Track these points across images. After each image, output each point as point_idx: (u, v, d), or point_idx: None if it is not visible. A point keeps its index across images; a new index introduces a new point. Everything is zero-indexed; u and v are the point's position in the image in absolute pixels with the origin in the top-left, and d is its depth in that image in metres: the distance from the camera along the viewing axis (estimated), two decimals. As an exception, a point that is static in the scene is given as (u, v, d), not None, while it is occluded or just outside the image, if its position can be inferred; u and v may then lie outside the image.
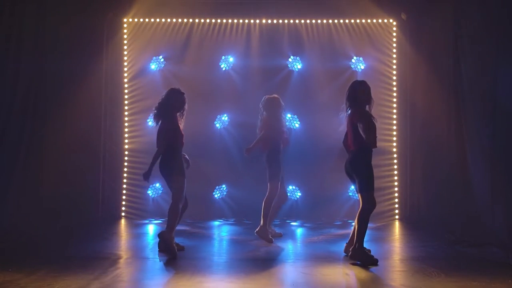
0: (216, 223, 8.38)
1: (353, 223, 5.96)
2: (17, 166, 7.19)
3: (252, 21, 8.89)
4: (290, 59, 8.86)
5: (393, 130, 8.76)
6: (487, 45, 6.59)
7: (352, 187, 8.21)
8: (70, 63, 8.32)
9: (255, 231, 6.71)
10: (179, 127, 6.05)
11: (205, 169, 8.54)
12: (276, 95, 7.15)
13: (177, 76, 8.75)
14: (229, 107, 8.83)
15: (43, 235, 6.82)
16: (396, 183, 8.69)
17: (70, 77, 8.38)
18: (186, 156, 6.19)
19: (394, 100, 8.79)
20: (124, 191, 8.75)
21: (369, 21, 8.83)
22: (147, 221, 8.34)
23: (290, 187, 8.65)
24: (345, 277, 5.04)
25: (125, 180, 8.76)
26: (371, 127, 5.54)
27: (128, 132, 8.83)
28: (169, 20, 8.89)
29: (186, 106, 6.13)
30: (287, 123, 7.26)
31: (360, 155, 5.69)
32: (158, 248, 5.87)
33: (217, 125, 8.86)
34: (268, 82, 8.77)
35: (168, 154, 5.90)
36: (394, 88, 8.80)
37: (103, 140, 8.73)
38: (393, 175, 8.71)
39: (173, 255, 5.62)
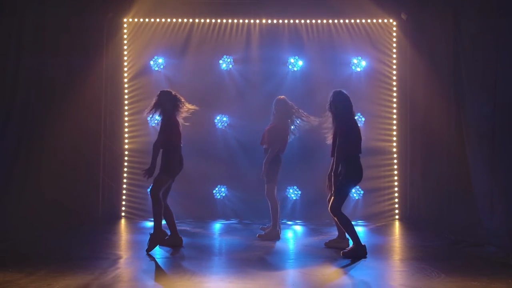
0: (216, 223, 8.38)
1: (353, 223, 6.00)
2: (17, 166, 7.19)
3: (252, 21, 8.88)
4: (290, 59, 8.85)
5: (393, 130, 8.76)
6: (487, 44, 6.59)
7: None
8: (70, 63, 8.34)
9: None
10: (176, 126, 6.11)
11: (205, 169, 8.55)
12: (283, 96, 7.12)
13: (177, 76, 8.75)
14: (229, 107, 8.83)
15: (43, 235, 6.82)
16: (396, 183, 8.69)
17: (70, 77, 8.39)
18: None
19: (394, 100, 8.79)
20: (124, 191, 8.75)
21: (369, 21, 8.83)
22: (147, 221, 8.33)
23: (289, 188, 8.68)
24: (344, 277, 5.04)
25: (125, 180, 8.76)
26: None
27: (128, 132, 8.83)
28: (169, 20, 8.89)
29: (181, 104, 6.20)
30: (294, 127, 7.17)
31: None
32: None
33: (218, 125, 8.85)
34: (268, 82, 8.78)
35: (164, 152, 6.07)
36: (394, 88, 8.80)
37: (103, 140, 8.74)
38: (393, 175, 8.71)
39: (148, 249, 5.81)
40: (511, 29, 6.33)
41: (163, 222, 6.05)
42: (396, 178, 8.70)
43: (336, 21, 8.85)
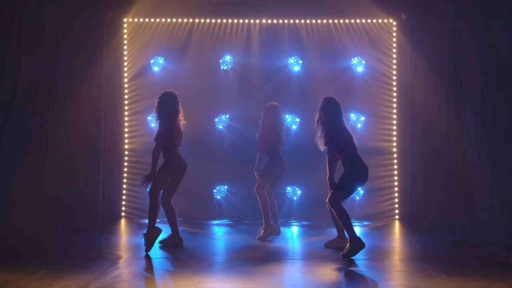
0: (216, 223, 8.38)
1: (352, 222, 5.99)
2: (17, 166, 7.17)
3: (252, 21, 8.89)
4: (290, 59, 8.86)
5: (393, 130, 8.77)
6: (487, 44, 6.58)
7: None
8: (70, 63, 8.32)
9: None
10: (175, 127, 6.11)
11: (205, 169, 8.55)
12: (275, 103, 7.14)
13: (177, 76, 8.76)
14: (229, 107, 8.84)
15: (43, 235, 6.82)
16: (396, 183, 8.70)
17: (70, 77, 8.37)
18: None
19: (394, 100, 8.80)
20: (124, 191, 8.76)
21: (369, 21, 8.83)
22: (147, 221, 8.33)
23: (289, 188, 8.68)
24: (344, 277, 5.04)
25: (125, 180, 8.77)
26: None
27: (128, 132, 8.84)
28: (169, 20, 8.90)
29: (179, 108, 6.19)
30: (284, 129, 7.26)
31: None
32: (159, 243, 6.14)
33: (218, 125, 8.86)
34: (268, 82, 8.80)
35: (163, 152, 6.10)
36: (394, 88, 8.81)
37: (103, 140, 8.74)
38: (393, 175, 8.72)
39: (147, 249, 5.83)
40: (511, 28, 6.31)
41: (158, 220, 6.08)
42: (396, 178, 8.71)
43: (336, 21, 8.85)
